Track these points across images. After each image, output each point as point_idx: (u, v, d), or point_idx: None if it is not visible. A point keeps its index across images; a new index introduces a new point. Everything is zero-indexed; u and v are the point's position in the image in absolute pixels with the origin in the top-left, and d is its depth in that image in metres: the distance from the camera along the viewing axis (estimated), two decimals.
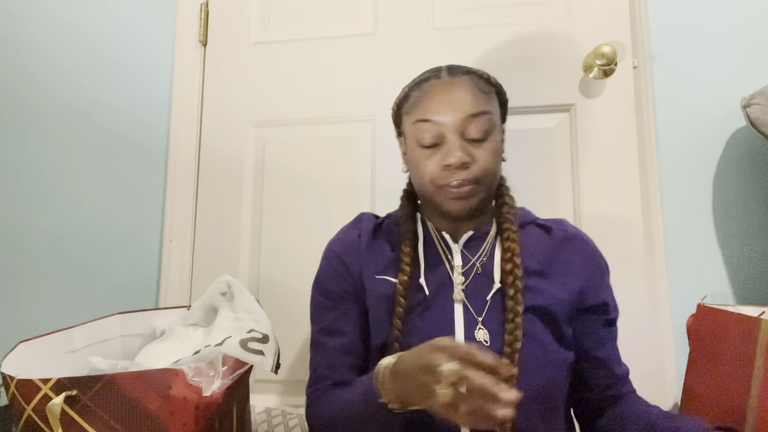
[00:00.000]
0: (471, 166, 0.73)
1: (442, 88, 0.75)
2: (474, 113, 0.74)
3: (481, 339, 0.73)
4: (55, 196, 1.41)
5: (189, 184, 1.35)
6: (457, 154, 0.72)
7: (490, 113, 0.75)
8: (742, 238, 1.17)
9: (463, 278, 0.77)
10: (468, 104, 0.74)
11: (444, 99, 0.74)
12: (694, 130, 1.21)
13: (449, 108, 0.74)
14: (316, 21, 1.36)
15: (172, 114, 1.38)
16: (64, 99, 1.44)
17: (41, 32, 1.47)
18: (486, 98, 0.76)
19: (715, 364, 0.87)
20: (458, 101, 0.74)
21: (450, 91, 0.75)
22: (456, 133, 0.74)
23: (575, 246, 0.81)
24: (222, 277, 0.93)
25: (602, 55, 1.14)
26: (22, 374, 0.65)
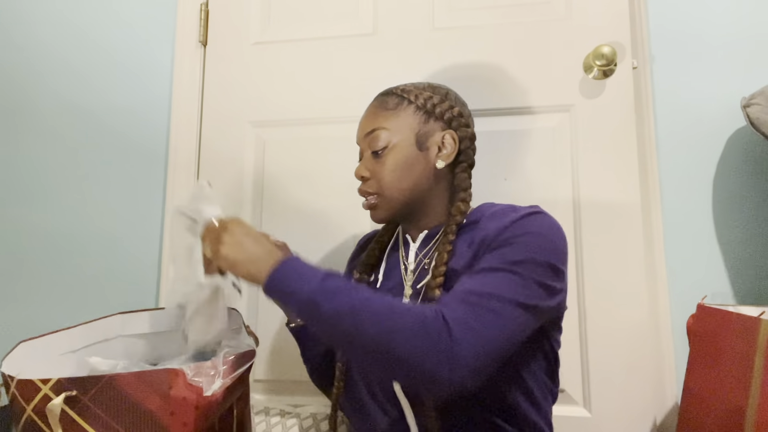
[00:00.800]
0: (369, 179, 0.85)
1: (364, 113, 0.89)
2: (368, 132, 0.85)
3: None
4: (55, 196, 1.41)
5: (189, 184, 1.35)
6: (358, 168, 0.86)
7: (384, 129, 0.83)
8: (742, 238, 1.17)
9: (413, 275, 0.83)
10: (365, 124, 0.86)
11: (361, 122, 0.89)
12: (694, 130, 1.21)
13: (359, 129, 0.88)
14: (316, 21, 1.36)
15: (172, 114, 1.38)
16: (63, 99, 1.44)
17: (41, 32, 1.47)
18: (387, 115, 0.84)
19: (715, 364, 0.87)
20: (363, 122, 0.87)
21: (363, 115, 0.89)
22: (362, 150, 0.87)
23: (498, 218, 0.76)
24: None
25: (602, 55, 1.14)
26: (22, 374, 0.65)
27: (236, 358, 0.72)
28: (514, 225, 0.72)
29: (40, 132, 1.44)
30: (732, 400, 0.81)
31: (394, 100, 0.85)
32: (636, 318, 1.12)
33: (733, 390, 0.81)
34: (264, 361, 1.26)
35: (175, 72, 1.40)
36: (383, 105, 0.86)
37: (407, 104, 0.85)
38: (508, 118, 1.22)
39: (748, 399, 0.78)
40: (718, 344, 0.87)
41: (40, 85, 1.45)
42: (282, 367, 1.25)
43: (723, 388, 0.84)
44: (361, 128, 0.87)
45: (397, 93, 0.86)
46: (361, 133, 0.87)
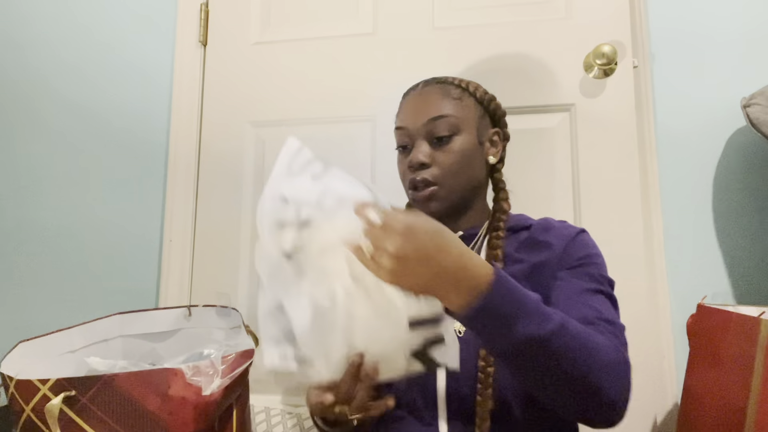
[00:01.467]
0: (431, 167, 0.79)
1: (414, 97, 0.83)
2: (433, 117, 0.79)
3: (456, 328, 0.74)
4: (55, 196, 1.41)
5: (189, 184, 1.35)
6: (417, 155, 0.79)
7: (453, 116, 0.80)
8: (742, 238, 1.16)
9: None
10: (431, 108, 0.80)
11: (412, 106, 0.82)
12: (694, 130, 1.20)
13: (415, 113, 0.81)
14: (316, 21, 1.36)
15: (172, 114, 1.38)
16: (64, 99, 1.44)
17: (41, 32, 1.47)
18: (454, 103, 0.81)
19: (715, 364, 0.87)
20: (423, 107, 0.81)
21: (418, 99, 0.82)
22: (422, 137, 0.80)
23: (556, 233, 0.78)
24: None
25: (602, 54, 1.14)
26: (22, 374, 0.65)
27: (235, 357, 0.72)
28: (580, 241, 0.78)
29: (40, 132, 1.44)
30: (732, 400, 0.81)
31: (457, 90, 0.82)
32: (636, 318, 1.12)
33: (733, 390, 0.81)
34: None
35: (175, 72, 1.40)
36: (446, 92, 0.82)
37: (468, 96, 0.83)
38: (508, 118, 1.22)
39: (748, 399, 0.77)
40: (718, 344, 0.87)
41: (40, 85, 1.45)
42: None
43: (723, 388, 0.84)
44: (421, 113, 0.80)
45: (456, 83, 0.83)
46: (420, 118, 0.80)
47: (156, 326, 1.00)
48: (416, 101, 0.82)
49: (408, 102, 0.84)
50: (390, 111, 0.96)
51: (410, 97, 0.84)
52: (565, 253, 0.76)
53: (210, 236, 1.33)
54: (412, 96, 0.84)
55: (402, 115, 0.84)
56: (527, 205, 1.17)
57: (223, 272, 1.31)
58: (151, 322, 1.00)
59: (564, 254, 0.76)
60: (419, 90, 0.84)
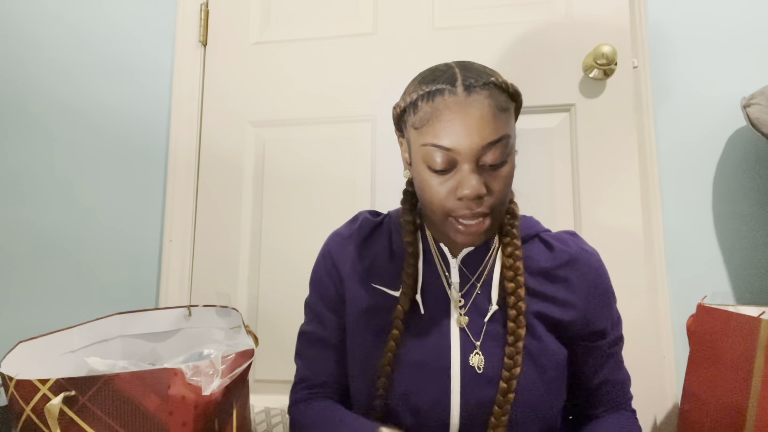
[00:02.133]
0: (486, 198, 0.66)
1: (457, 109, 0.64)
2: (493, 141, 0.64)
3: (474, 365, 0.71)
4: (55, 196, 1.41)
5: (189, 184, 1.35)
6: (472, 185, 0.64)
7: (509, 137, 0.66)
8: (742, 238, 1.16)
9: (462, 300, 0.74)
10: (487, 131, 0.64)
11: (459, 123, 0.64)
12: (694, 130, 1.20)
13: (465, 134, 0.63)
14: (316, 21, 1.36)
15: (172, 114, 1.38)
16: (64, 99, 1.44)
17: (41, 33, 1.47)
18: (506, 118, 0.66)
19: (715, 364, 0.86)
20: (476, 127, 0.63)
21: (466, 114, 0.64)
22: (471, 162, 0.65)
23: (578, 269, 0.75)
24: None
25: (602, 55, 1.14)
26: (21, 374, 0.65)
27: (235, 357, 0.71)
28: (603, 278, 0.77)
29: (40, 132, 1.44)
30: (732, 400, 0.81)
31: (505, 98, 0.67)
32: (636, 318, 1.12)
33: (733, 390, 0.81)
34: (264, 361, 1.26)
35: (175, 72, 1.40)
36: (499, 104, 0.65)
37: (511, 102, 0.69)
38: None
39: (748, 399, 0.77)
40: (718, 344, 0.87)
41: (39, 85, 1.45)
42: (282, 367, 1.25)
43: (723, 388, 0.84)
44: (475, 133, 0.63)
45: (501, 85, 0.67)
46: (474, 140, 0.63)
47: (156, 326, 1.00)
48: (465, 116, 0.64)
49: (450, 114, 0.64)
50: (390, 109, 0.96)
51: (451, 106, 0.64)
52: (589, 311, 0.75)
53: (210, 236, 1.33)
54: (453, 106, 0.64)
55: (441, 130, 0.64)
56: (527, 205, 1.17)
57: (223, 272, 1.31)
58: (151, 322, 0.99)
59: (587, 312, 0.75)
60: (462, 98, 0.64)
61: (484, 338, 0.72)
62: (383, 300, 0.76)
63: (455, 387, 0.70)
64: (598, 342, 0.76)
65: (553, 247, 0.76)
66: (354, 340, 0.77)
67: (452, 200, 0.66)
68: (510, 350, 0.69)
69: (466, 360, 0.71)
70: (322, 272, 0.81)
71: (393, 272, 0.76)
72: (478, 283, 0.74)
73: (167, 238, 1.34)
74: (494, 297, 0.73)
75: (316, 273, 0.83)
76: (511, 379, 0.68)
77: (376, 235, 0.81)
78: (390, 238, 0.80)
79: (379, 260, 0.78)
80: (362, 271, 0.78)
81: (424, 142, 0.66)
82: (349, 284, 0.78)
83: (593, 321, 0.75)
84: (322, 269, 0.82)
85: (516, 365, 0.69)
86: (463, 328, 0.72)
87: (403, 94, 0.73)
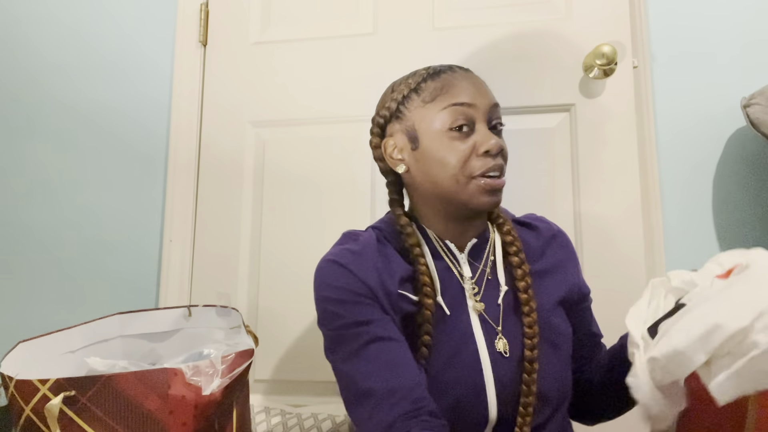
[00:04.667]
0: (502, 155, 0.74)
1: (465, 76, 0.75)
2: (496, 102, 0.75)
3: (501, 350, 0.72)
4: (55, 196, 1.41)
5: (189, 184, 1.35)
6: (494, 139, 0.71)
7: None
8: (742, 238, 1.16)
9: (477, 287, 0.76)
10: (491, 94, 0.76)
11: (471, 84, 0.74)
12: (694, 130, 1.20)
13: (479, 93, 0.73)
14: (316, 21, 1.36)
15: (171, 114, 1.38)
16: (64, 99, 1.44)
17: (40, 33, 1.47)
18: None
19: None
20: (484, 89, 0.75)
21: (474, 79, 0.75)
22: (483, 122, 0.73)
23: (559, 242, 0.84)
24: None
25: (602, 55, 1.14)
26: (21, 374, 0.65)
27: (235, 357, 0.72)
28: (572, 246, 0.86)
29: (39, 132, 1.44)
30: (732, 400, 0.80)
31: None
32: None
33: None
34: (264, 361, 1.26)
35: (175, 72, 1.40)
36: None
37: None
38: (508, 118, 1.21)
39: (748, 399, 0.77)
40: None
41: (39, 85, 1.45)
42: (282, 367, 1.25)
43: None
44: (486, 94, 0.75)
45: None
46: (488, 99, 0.74)
47: (156, 326, 1.00)
48: (473, 80, 0.75)
49: (466, 79, 0.75)
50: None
51: (460, 75, 0.75)
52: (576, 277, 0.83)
53: (210, 236, 1.33)
54: (462, 75, 0.75)
55: (461, 91, 0.73)
56: (527, 205, 1.17)
57: (223, 272, 1.31)
58: (151, 322, 1.00)
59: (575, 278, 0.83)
60: (464, 72, 0.76)
61: (503, 322, 0.74)
62: (409, 305, 0.73)
63: (488, 375, 0.71)
64: (586, 302, 0.85)
65: (535, 227, 0.84)
66: None
67: (475, 158, 0.71)
68: (528, 320, 0.72)
69: (493, 346, 0.73)
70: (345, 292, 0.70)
71: (411, 276, 0.74)
72: (486, 269, 0.77)
73: (167, 238, 1.34)
74: (501, 278, 0.77)
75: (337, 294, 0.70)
76: (533, 348, 0.71)
77: (381, 243, 0.77)
78: (392, 246, 0.77)
79: (395, 266, 0.74)
80: (388, 282, 0.71)
81: (444, 105, 0.72)
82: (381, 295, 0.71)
83: (580, 284, 0.83)
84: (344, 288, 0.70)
85: (535, 335, 0.71)
86: (483, 316, 0.74)
87: (387, 100, 0.78)
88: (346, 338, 0.69)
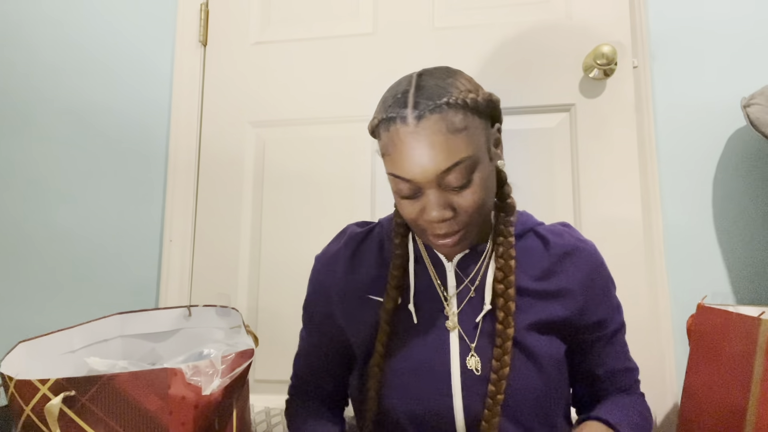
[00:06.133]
0: (454, 217, 0.66)
1: (409, 140, 0.63)
2: (447, 168, 0.63)
3: (472, 367, 0.71)
4: (55, 196, 1.41)
5: (189, 184, 1.35)
6: (434, 213, 0.65)
7: (468, 157, 0.64)
8: (742, 238, 1.16)
9: (456, 302, 0.74)
10: (439, 158, 0.62)
11: (413, 154, 0.63)
12: (694, 130, 1.20)
13: (419, 165, 0.63)
14: (316, 21, 1.36)
15: (171, 114, 1.38)
16: (64, 99, 1.44)
17: (39, 34, 1.47)
18: (463, 138, 0.64)
19: (715, 364, 0.86)
20: (428, 156, 0.62)
21: (417, 144, 0.63)
22: (433, 187, 0.65)
23: (575, 262, 0.75)
24: None
25: (602, 55, 1.14)
26: (21, 374, 0.65)
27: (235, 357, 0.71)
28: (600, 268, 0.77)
29: (39, 132, 1.44)
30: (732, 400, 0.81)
31: (460, 117, 0.63)
32: (636, 318, 1.12)
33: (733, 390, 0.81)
34: (264, 361, 1.26)
35: (175, 72, 1.40)
36: (452, 126, 0.63)
37: (472, 116, 0.65)
38: (508, 118, 1.22)
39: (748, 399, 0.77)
40: (718, 344, 0.87)
41: (39, 85, 1.45)
42: (282, 367, 1.25)
43: (723, 388, 0.84)
44: (427, 163, 0.63)
45: (454, 104, 0.63)
46: (428, 170, 0.63)
47: (156, 326, 1.00)
48: (416, 147, 0.63)
49: (403, 145, 0.63)
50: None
51: (403, 137, 0.63)
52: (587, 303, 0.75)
53: (210, 236, 1.33)
54: (405, 137, 0.63)
55: (398, 162, 0.65)
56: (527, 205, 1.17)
57: (223, 272, 1.31)
58: (151, 322, 0.99)
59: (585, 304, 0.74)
60: (412, 127, 0.63)
61: (479, 340, 0.72)
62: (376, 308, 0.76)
63: (456, 391, 0.70)
64: (597, 333, 0.77)
65: (548, 242, 0.76)
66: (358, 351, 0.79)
67: (423, 221, 0.67)
68: (497, 351, 0.69)
69: (464, 363, 0.71)
70: (313, 294, 0.84)
71: (386, 280, 0.76)
72: (472, 286, 0.74)
73: (167, 238, 1.34)
74: (488, 297, 0.73)
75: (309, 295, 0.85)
76: (499, 380, 0.68)
77: (364, 246, 0.81)
78: (381, 246, 0.80)
79: (371, 271, 0.78)
80: (354, 287, 0.78)
81: (389, 170, 0.67)
82: (343, 305, 0.79)
83: (591, 312, 0.75)
84: (313, 291, 0.84)
85: (504, 366, 0.68)
86: (459, 332, 0.72)
87: (375, 110, 0.72)
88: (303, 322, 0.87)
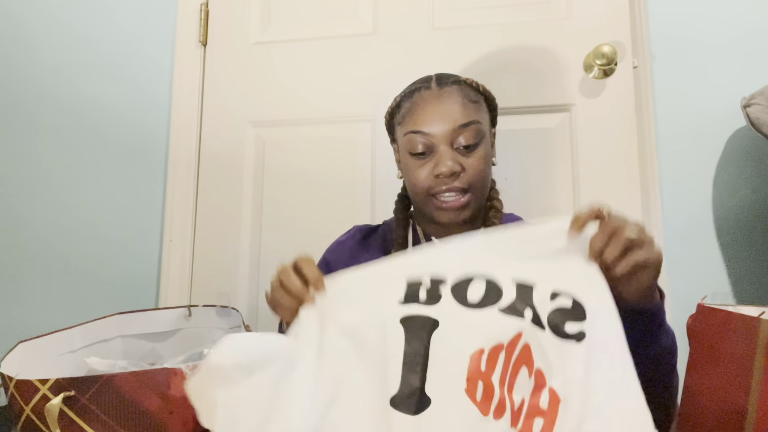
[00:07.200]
0: (461, 175, 0.76)
1: (432, 99, 0.77)
2: (463, 123, 0.76)
3: None
4: (55, 196, 1.41)
5: (189, 184, 1.35)
6: (447, 163, 0.74)
7: (479, 122, 0.77)
8: (742, 238, 1.16)
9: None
10: (457, 115, 0.76)
11: (434, 110, 0.76)
12: (694, 130, 1.20)
13: (439, 119, 0.76)
14: (316, 21, 1.36)
15: (172, 114, 1.38)
16: (64, 99, 1.44)
17: (40, 32, 1.47)
18: (475, 108, 0.78)
19: (715, 364, 0.86)
20: (447, 112, 0.76)
21: (439, 102, 0.77)
22: (446, 144, 0.76)
23: None
24: None
25: (602, 55, 1.14)
26: (21, 374, 0.65)
27: None
28: None
29: (40, 132, 1.44)
30: (732, 400, 0.81)
31: (473, 93, 0.80)
32: None
33: (733, 390, 0.81)
34: None
35: (175, 72, 1.40)
36: (468, 96, 0.78)
37: (482, 98, 0.82)
38: (508, 118, 1.22)
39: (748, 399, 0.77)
40: (718, 344, 0.86)
41: (39, 86, 1.45)
42: None
43: (723, 388, 0.83)
44: (447, 118, 0.76)
45: (471, 84, 0.81)
46: (446, 124, 0.75)
47: (156, 326, 1.00)
48: (438, 105, 0.77)
49: (426, 104, 0.78)
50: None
51: (426, 98, 0.78)
52: None
53: (210, 236, 1.33)
54: (428, 97, 0.78)
55: (419, 118, 0.77)
56: (528, 204, 1.17)
57: (223, 272, 1.31)
58: (151, 322, 0.99)
59: None
60: (436, 91, 0.78)
61: None
62: None
63: None
64: None
65: None
66: None
67: (431, 179, 0.77)
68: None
69: None
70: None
71: None
72: None
73: (167, 238, 1.34)
74: None
75: None
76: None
77: (371, 238, 0.89)
78: (385, 238, 0.87)
79: (376, 254, 0.84)
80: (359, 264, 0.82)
81: (407, 130, 0.79)
82: None
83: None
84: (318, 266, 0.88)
85: None
86: None
87: (389, 107, 0.86)
88: None
